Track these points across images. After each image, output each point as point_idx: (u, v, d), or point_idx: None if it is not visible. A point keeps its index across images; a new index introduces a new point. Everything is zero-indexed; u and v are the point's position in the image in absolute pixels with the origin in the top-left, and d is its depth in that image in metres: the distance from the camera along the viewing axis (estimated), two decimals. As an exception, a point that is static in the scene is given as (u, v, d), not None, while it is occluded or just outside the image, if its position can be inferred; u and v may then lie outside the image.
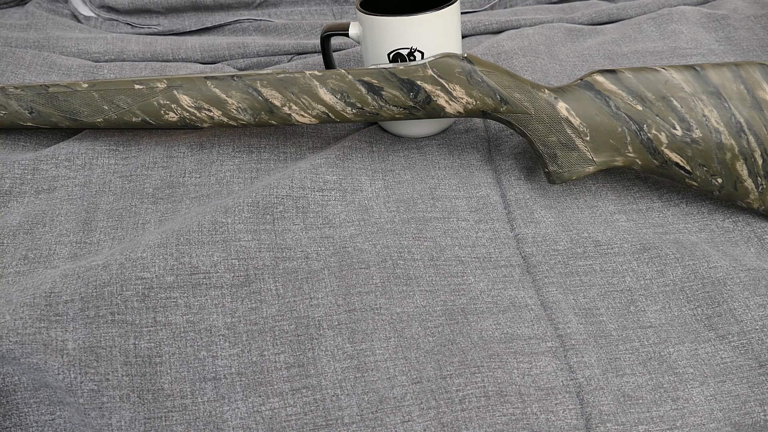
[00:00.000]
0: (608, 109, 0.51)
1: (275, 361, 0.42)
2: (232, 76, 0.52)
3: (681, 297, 0.48)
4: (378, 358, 0.43)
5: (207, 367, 0.41)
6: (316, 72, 0.51)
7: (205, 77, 0.52)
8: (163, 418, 0.40)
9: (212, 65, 0.70)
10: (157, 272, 0.44)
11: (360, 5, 0.57)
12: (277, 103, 0.52)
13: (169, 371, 0.41)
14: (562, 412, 0.41)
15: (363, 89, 0.51)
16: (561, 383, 0.42)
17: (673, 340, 0.46)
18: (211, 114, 0.52)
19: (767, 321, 0.46)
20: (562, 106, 0.51)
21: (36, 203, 0.52)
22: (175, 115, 0.53)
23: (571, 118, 0.51)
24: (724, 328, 0.46)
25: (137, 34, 0.75)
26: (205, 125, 0.54)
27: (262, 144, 0.58)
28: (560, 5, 0.85)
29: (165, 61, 0.70)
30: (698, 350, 0.45)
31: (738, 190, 0.51)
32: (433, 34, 0.55)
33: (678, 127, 0.50)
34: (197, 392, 0.41)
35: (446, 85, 0.50)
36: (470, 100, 0.51)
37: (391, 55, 0.56)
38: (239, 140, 0.58)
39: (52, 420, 0.40)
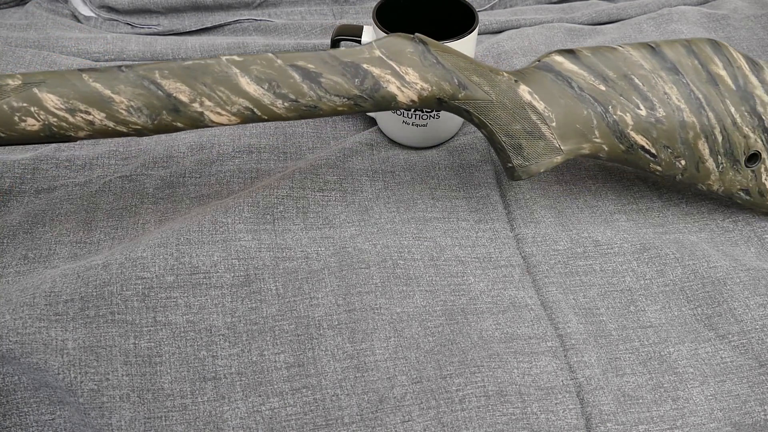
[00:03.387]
0: (572, 91, 0.48)
1: (275, 361, 0.42)
2: (120, 66, 0.42)
3: (681, 297, 0.48)
4: (378, 358, 0.43)
5: (207, 367, 0.41)
6: (235, 57, 0.42)
7: (80, 69, 0.41)
8: (163, 418, 0.40)
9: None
10: (157, 272, 0.44)
11: (376, 13, 0.55)
12: (185, 99, 0.41)
13: (169, 371, 0.41)
14: (562, 412, 0.41)
15: (297, 76, 0.42)
16: (561, 383, 0.43)
17: (673, 340, 0.46)
18: (90, 118, 0.41)
19: (767, 321, 0.46)
20: (524, 90, 0.47)
21: (36, 203, 0.52)
22: (36, 123, 0.40)
23: (535, 103, 0.47)
24: (724, 327, 0.46)
25: (137, 34, 0.75)
26: (82, 134, 0.41)
27: (262, 144, 0.58)
28: (560, 5, 0.85)
29: (165, 61, 0.70)
30: (698, 350, 0.45)
31: (700, 171, 0.50)
32: None
33: (642, 107, 0.48)
34: (197, 392, 0.41)
35: (397, 68, 0.44)
36: (425, 85, 0.44)
37: None
38: (239, 140, 0.58)
39: (52, 420, 0.40)
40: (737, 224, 0.53)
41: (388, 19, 0.55)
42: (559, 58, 0.48)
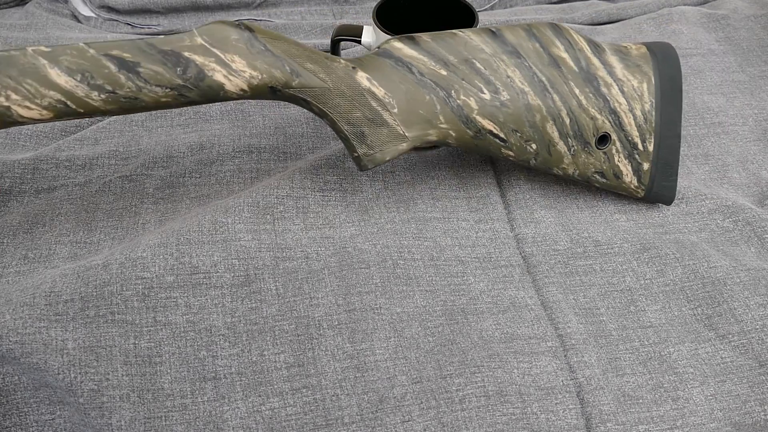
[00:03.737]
0: (412, 76, 0.47)
1: (275, 361, 0.42)
2: None
3: (681, 297, 0.48)
4: (378, 358, 0.43)
5: (207, 367, 0.41)
6: (42, 47, 0.39)
7: None
8: (163, 418, 0.40)
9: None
10: (157, 272, 0.44)
11: (376, 13, 0.55)
12: None
13: (169, 371, 0.41)
14: (563, 412, 0.41)
15: (112, 66, 0.40)
16: (561, 383, 0.43)
17: (673, 340, 0.46)
18: None
19: (767, 321, 0.46)
20: (362, 76, 0.46)
21: (36, 203, 0.52)
22: None
23: (374, 89, 0.46)
24: (725, 327, 0.46)
25: (137, 34, 0.75)
26: None
27: (262, 144, 0.58)
28: (560, 5, 0.85)
29: None
30: (698, 350, 0.45)
31: (552, 155, 0.50)
32: None
33: (485, 90, 0.47)
34: (197, 392, 0.41)
35: (222, 56, 0.42)
36: (254, 73, 0.43)
37: None
38: (239, 140, 0.58)
39: (52, 420, 0.40)
40: (737, 224, 0.53)
41: (388, 19, 0.55)
42: (398, 44, 0.47)
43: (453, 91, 0.47)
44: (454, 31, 0.48)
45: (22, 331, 0.40)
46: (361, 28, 0.57)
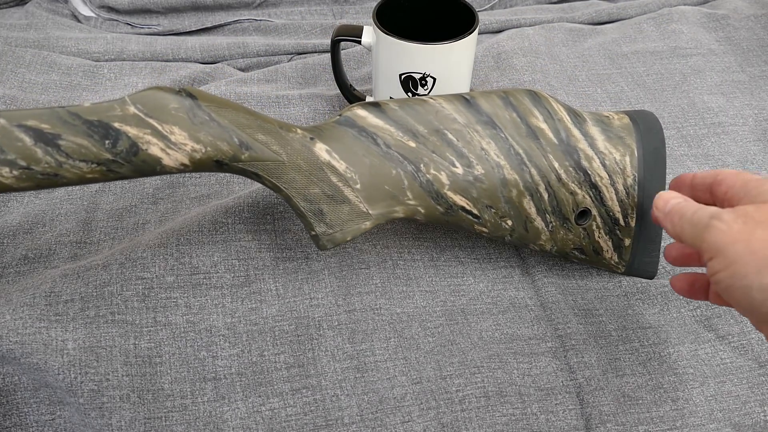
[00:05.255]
0: (377, 149, 0.43)
1: (275, 361, 0.42)
2: None
3: (680, 297, 0.48)
4: (378, 359, 0.43)
5: (207, 367, 0.41)
6: None
7: None
8: (163, 418, 0.40)
9: (212, 65, 0.70)
10: (157, 272, 0.44)
11: (377, 13, 0.55)
12: None
13: (169, 371, 0.41)
14: (562, 413, 0.41)
15: (27, 139, 0.34)
16: (561, 383, 0.43)
17: (673, 341, 0.46)
18: None
19: (767, 321, 0.46)
20: (321, 148, 0.41)
21: (36, 203, 0.52)
22: None
23: (334, 163, 0.41)
24: (724, 328, 0.46)
25: (137, 34, 0.75)
26: None
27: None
28: (560, 5, 0.85)
29: (165, 61, 0.70)
30: (698, 351, 0.45)
31: (529, 231, 0.46)
32: (449, 61, 0.54)
33: (458, 164, 0.43)
34: (197, 392, 0.41)
35: (159, 128, 0.37)
36: (197, 146, 0.38)
37: (402, 77, 0.55)
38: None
39: (52, 420, 0.40)
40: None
41: (388, 19, 0.55)
42: (362, 112, 0.43)
43: (422, 165, 0.43)
44: (424, 98, 0.45)
45: (22, 331, 0.40)
46: (361, 28, 0.57)
